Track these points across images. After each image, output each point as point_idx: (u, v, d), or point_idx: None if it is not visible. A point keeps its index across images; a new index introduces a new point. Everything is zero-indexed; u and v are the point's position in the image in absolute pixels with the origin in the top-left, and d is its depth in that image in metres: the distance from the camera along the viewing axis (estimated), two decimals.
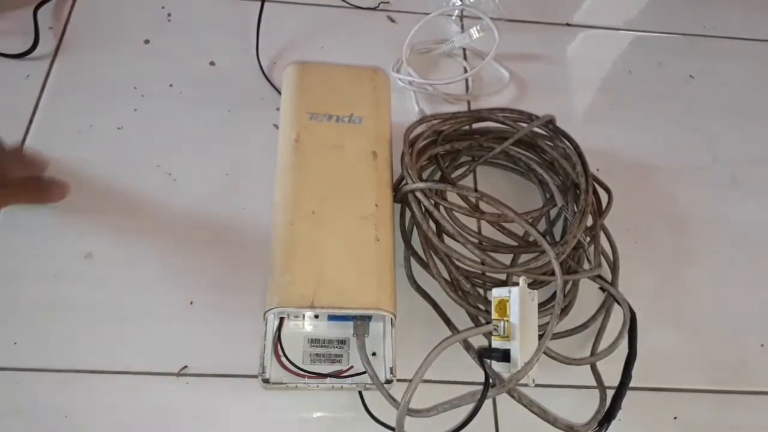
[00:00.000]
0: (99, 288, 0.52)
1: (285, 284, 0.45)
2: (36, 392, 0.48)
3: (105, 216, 0.56)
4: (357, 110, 0.54)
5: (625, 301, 0.54)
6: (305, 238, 0.47)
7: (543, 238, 0.49)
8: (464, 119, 0.61)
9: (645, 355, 0.52)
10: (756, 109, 0.73)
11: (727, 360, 0.56)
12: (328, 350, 0.49)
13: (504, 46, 0.68)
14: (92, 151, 0.59)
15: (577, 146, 0.59)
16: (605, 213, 0.59)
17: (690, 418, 0.53)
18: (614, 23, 0.79)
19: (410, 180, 0.53)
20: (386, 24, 0.74)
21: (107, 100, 0.63)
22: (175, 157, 0.60)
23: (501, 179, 0.63)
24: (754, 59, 0.78)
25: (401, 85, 0.68)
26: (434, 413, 0.45)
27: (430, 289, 0.55)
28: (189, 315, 0.52)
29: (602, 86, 0.73)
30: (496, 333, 0.45)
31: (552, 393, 0.51)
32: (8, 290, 0.52)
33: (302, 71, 0.56)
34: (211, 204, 0.58)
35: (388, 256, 0.48)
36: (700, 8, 0.81)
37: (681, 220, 0.63)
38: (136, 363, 0.50)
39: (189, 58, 0.67)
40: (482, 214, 0.54)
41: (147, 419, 0.48)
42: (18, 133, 0.59)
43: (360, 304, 0.45)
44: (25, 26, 0.65)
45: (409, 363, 0.45)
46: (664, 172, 0.66)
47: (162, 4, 0.71)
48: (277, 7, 0.72)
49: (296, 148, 0.51)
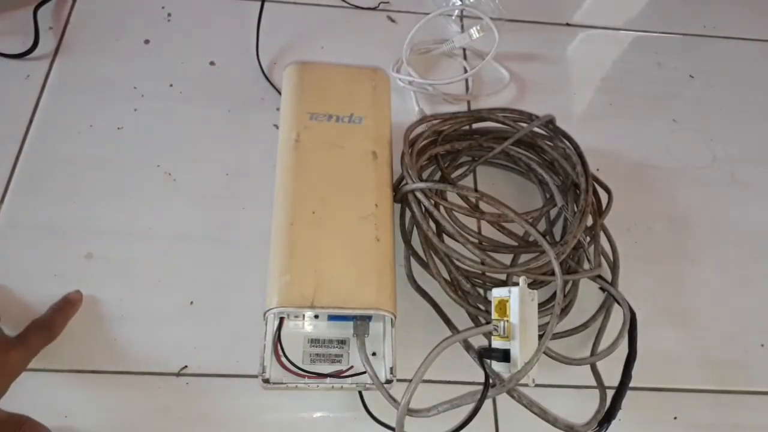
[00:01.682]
0: (99, 288, 0.52)
1: (285, 284, 0.45)
2: (36, 392, 0.48)
3: (105, 216, 0.56)
4: (357, 110, 0.54)
5: (625, 301, 0.54)
6: (305, 238, 0.47)
7: (543, 238, 0.49)
8: (464, 119, 0.61)
9: (645, 355, 0.52)
10: (756, 109, 0.73)
11: (727, 360, 0.56)
12: (328, 350, 0.49)
13: (504, 46, 0.68)
14: (92, 151, 0.59)
15: (577, 146, 0.59)
16: (605, 213, 0.59)
17: (690, 418, 0.53)
18: (614, 23, 0.79)
19: (410, 180, 0.53)
20: (386, 24, 0.74)
21: (107, 100, 0.63)
22: (175, 157, 0.60)
23: (501, 179, 0.63)
24: (754, 59, 0.78)
25: (401, 85, 0.68)
26: (434, 413, 0.45)
27: (430, 289, 0.55)
28: (189, 315, 0.52)
29: (602, 86, 0.73)
30: (496, 333, 0.45)
31: (552, 393, 0.51)
32: (8, 290, 0.52)
33: (302, 71, 0.56)
34: (211, 204, 0.58)
35: (388, 256, 0.48)
36: (700, 8, 0.81)
37: (681, 220, 0.63)
38: (136, 363, 0.50)
39: (189, 58, 0.67)
40: (482, 214, 0.54)
41: (147, 419, 0.48)
42: (18, 133, 0.59)
43: (360, 304, 0.45)
44: (25, 26, 0.65)
45: (409, 363, 0.45)
46: (664, 172, 0.66)
47: (162, 4, 0.71)
48: (277, 7, 0.72)
49: (296, 148, 0.51)
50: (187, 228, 0.56)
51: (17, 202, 0.56)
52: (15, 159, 0.58)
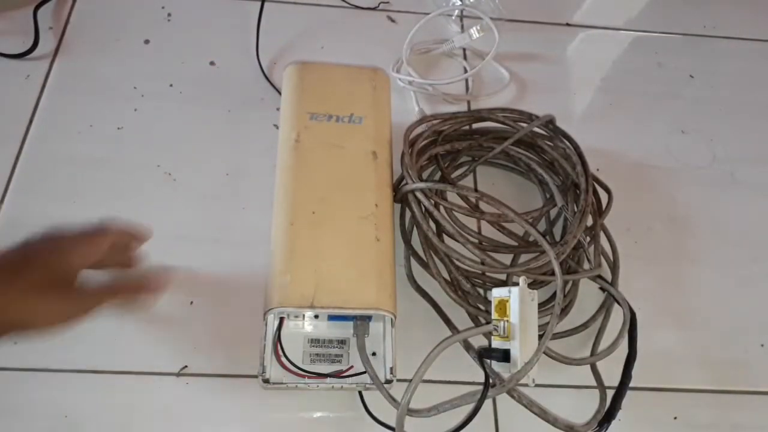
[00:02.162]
0: None
1: (285, 284, 0.45)
2: (36, 392, 0.48)
3: (105, 216, 0.56)
4: (357, 110, 0.54)
5: (625, 301, 0.54)
6: (305, 238, 0.47)
7: (543, 238, 0.49)
8: (464, 119, 0.61)
9: (645, 355, 0.52)
10: (756, 109, 0.73)
11: (727, 360, 0.56)
12: (328, 350, 0.49)
13: (504, 46, 0.68)
14: (92, 151, 0.59)
15: (577, 146, 0.59)
16: (605, 213, 0.59)
17: (690, 418, 0.53)
18: (614, 23, 0.79)
19: (410, 180, 0.53)
20: (386, 24, 0.74)
21: (107, 100, 0.63)
22: (175, 157, 0.60)
23: (501, 179, 0.63)
24: (754, 59, 0.78)
25: (401, 85, 0.68)
26: (434, 413, 0.45)
27: (430, 289, 0.55)
28: (189, 315, 0.52)
29: (602, 86, 0.73)
30: (496, 333, 0.45)
31: (552, 393, 0.51)
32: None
33: (302, 71, 0.56)
34: (211, 204, 0.58)
35: (388, 256, 0.48)
36: (700, 8, 0.81)
37: (681, 220, 0.63)
38: (136, 363, 0.50)
39: (189, 58, 0.67)
40: (482, 214, 0.54)
41: (147, 419, 0.48)
42: (18, 133, 0.59)
43: (360, 304, 0.45)
44: (25, 26, 0.65)
45: (409, 363, 0.45)
46: (664, 172, 0.66)
47: (162, 4, 0.71)
48: (277, 7, 0.72)
49: (296, 148, 0.51)
50: (187, 228, 0.56)
51: (17, 202, 0.56)
52: (15, 159, 0.58)
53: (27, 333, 0.37)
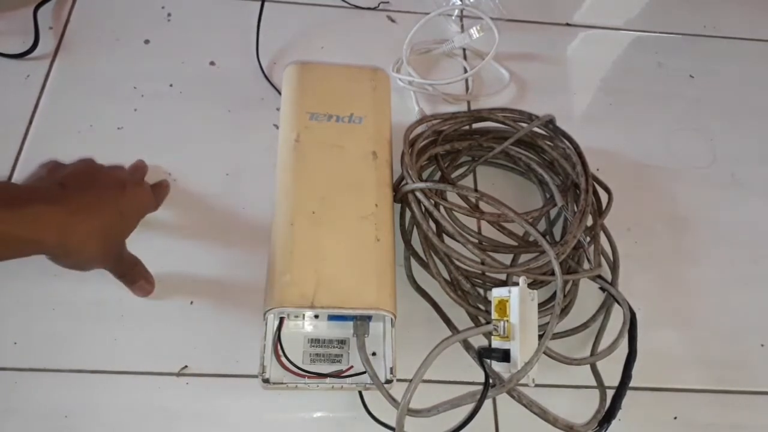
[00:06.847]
0: (99, 288, 0.52)
1: (285, 284, 0.45)
2: (36, 392, 0.48)
3: None
4: (357, 110, 0.54)
5: (625, 301, 0.54)
6: (305, 238, 0.47)
7: (543, 238, 0.49)
8: (464, 119, 0.61)
9: (645, 355, 0.52)
10: (756, 109, 0.73)
11: (727, 360, 0.56)
12: (328, 350, 0.49)
13: (504, 46, 0.68)
14: (92, 151, 0.59)
15: (577, 146, 0.59)
16: (605, 213, 0.59)
17: (690, 418, 0.53)
18: (614, 23, 0.79)
19: (410, 180, 0.53)
20: (386, 24, 0.74)
21: (107, 100, 0.63)
22: (175, 157, 0.60)
23: (501, 179, 0.63)
24: (754, 59, 0.78)
25: (401, 85, 0.68)
26: (434, 413, 0.45)
27: (430, 289, 0.55)
28: (189, 315, 0.52)
29: (602, 86, 0.73)
30: (496, 333, 0.45)
31: (552, 393, 0.51)
32: (8, 290, 0.52)
33: (302, 71, 0.56)
34: (211, 204, 0.58)
35: (388, 256, 0.48)
36: (700, 8, 0.81)
37: (681, 220, 0.63)
38: (136, 363, 0.50)
39: (189, 58, 0.67)
40: (482, 214, 0.54)
41: (147, 419, 0.48)
42: (18, 133, 0.59)
43: (360, 304, 0.45)
44: (25, 26, 0.65)
45: (409, 363, 0.45)
46: (664, 172, 0.66)
47: (162, 4, 0.71)
48: (277, 7, 0.72)
49: (296, 148, 0.51)
50: (187, 228, 0.56)
51: None
52: (15, 159, 0.58)
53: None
